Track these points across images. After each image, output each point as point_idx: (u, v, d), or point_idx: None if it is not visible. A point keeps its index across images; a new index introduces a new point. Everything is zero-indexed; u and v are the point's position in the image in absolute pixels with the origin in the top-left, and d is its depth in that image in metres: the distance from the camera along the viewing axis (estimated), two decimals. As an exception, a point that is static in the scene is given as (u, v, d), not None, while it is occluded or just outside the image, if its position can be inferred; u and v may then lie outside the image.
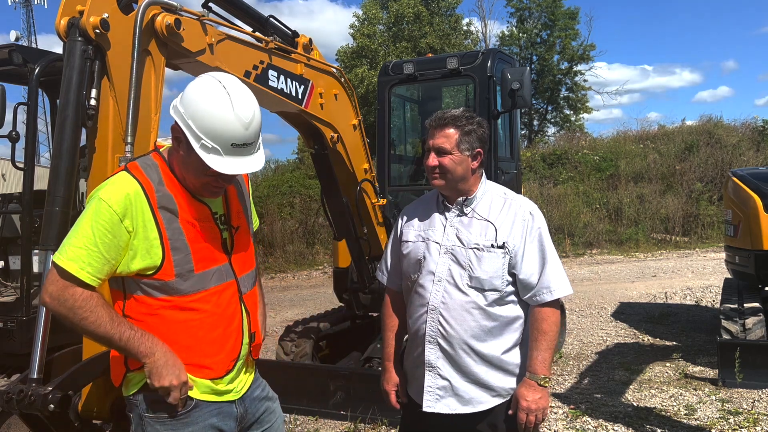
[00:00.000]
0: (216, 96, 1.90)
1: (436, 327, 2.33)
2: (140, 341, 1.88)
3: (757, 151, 19.51)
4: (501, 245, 2.30)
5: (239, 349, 2.09)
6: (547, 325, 2.32)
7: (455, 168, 2.32)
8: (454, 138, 2.30)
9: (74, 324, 1.86)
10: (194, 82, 1.96)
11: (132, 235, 1.87)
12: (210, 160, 1.89)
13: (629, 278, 12.12)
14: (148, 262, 1.89)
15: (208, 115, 1.88)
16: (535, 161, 20.97)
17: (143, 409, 1.97)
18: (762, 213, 6.30)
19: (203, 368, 1.99)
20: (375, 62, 25.66)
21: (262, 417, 2.22)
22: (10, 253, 5.01)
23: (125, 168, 1.97)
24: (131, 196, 1.88)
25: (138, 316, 1.94)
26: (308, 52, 4.33)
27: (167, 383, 1.90)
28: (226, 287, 2.05)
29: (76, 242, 1.84)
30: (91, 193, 1.92)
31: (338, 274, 6.33)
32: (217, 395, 2.03)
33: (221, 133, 1.88)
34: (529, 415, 2.31)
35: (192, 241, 1.96)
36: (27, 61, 4.43)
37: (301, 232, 16.96)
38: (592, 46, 31.62)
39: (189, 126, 1.89)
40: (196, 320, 1.97)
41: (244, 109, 1.92)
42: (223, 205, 2.11)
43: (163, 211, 1.92)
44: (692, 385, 5.66)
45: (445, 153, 2.31)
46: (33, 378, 2.37)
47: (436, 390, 2.36)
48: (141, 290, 1.94)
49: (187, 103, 1.91)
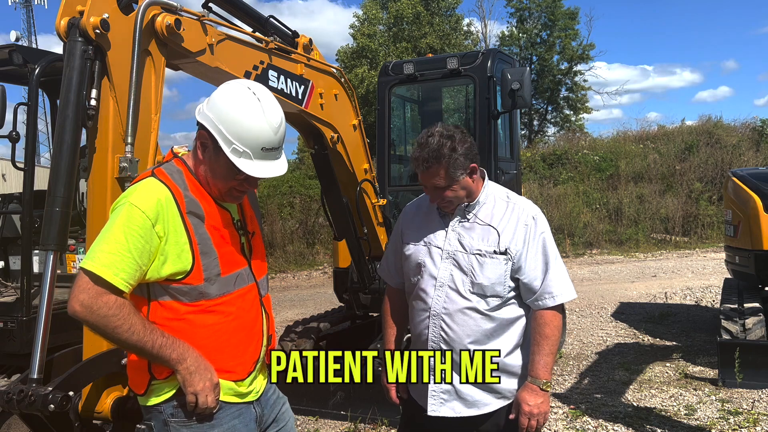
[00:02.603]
0: (247, 102, 1.93)
1: (438, 332, 2.33)
2: (172, 348, 1.87)
3: (756, 151, 19.50)
4: (503, 251, 2.29)
5: (260, 351, 2.11)
6: (549, 330, 2.32)
7: (458, 194, 2.31)
8: (444, 174, 2.25)
9: (106, 333, 1.83)
10: (222, 88, 1.99)
11: (163, 240, 1.87)
12: (241, 164, 1.92)
13: (629, 278, 12.12)
14: (178, 267, 1.89)
15: (240, 121, 1.91)
16: (535, 161, 20.97)
17: (169, 414, 1.95)
18: (762, 213, 6.30)
19: (228, 371, 2.01)
20: (375, 62, 25.67)
21: (278, 417, 2.24)
22: (10, 253, 5.01)
23: (153, 173, 1.97)
24: (162, 201, 1.88)
25: (163, 321, 1.93)
26: (308, 53, 4.33)
27: (201, 387, 1.90)
28: (249, 290, 2.08)
29: (108, 248, 1.81)
30: (120, 199, 1.91)
31: (338, 274, 6.33)
32: (239, 397, 2.05)
33: (253, 137, 1.92)
34: (530, 419, 2.31)
35: (217, 246, 1.98)
36: (27, 62, 4.43)
37: (301, 232, 16.96)
38: (591, 46, 31.68)
39: (220, 131, 1.91)
40: (223, 323, 1.98)
41: (274, 115, 1.97)
42: (238, 211, 2.14)
43: (192, 216, 1.93)
44: (692, 385, 5.66)
45: (443, 189, 2.29)
46: (33, 378, 2.38)
47: (440, 394, 2.36)
48: (169, 295, 1.93)
49: (217, 109, 1.93)
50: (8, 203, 5.19)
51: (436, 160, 2.23)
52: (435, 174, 2.25)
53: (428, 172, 2.26)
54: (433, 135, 2.26)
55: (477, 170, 2.33)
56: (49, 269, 2.49)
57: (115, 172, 2.70)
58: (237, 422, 2.03)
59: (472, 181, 2.33)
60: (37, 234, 2.94)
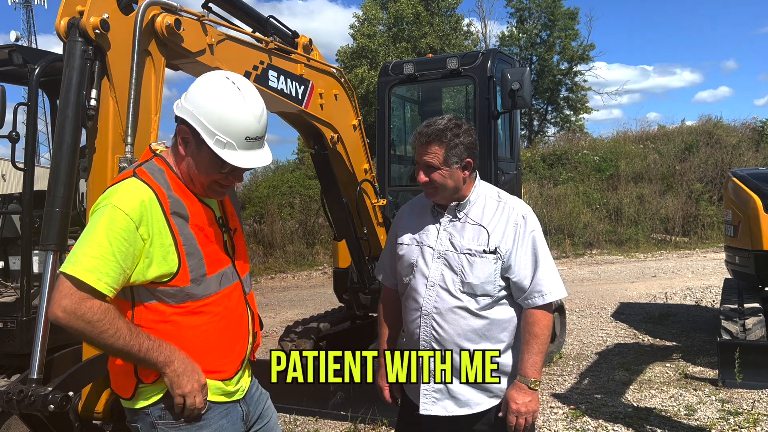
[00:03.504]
0: (227, 92, 1.90)
1: (429, 332, 2.34)
2: (159, 351, 1.85)
3: (756, 151, 19.51)
4: (493, 250, 2.29)
5: (246, 349, 2.11)
6: (538, 329, 2.32)
7: (446, 182, 2.30)
8: (441, 154, 2.26)
9: (91, 338, 1.78)
10: (200, 80, 1.95)
11: (147, 242, 1.82)
12: (226, 155, 1.88)
13: (629, 278, 12.12)
14: (164, 270, 1.86)
15: (221, 111, 1.88)
16: (535, 161, 20.97)
17: (157, 416, 1.93)
18: (762, 213, 6.30)
19: (216, 371, 1.99)
20: (375, 62, 25.67)
21: (262, 413, 2.24)
22: (10, 253, 5.01)
23: (134, 173, 1.92)
24: (146, 202, 1.83)
25: (149, 324, 1.89)
26: (308, 53, 4.33)
27: (188, 389, 1.88)
28: (234, 289, 2.06)
29: (91, 252, 1.75)
30: (100, 201, 1.85)
31: (338, 274, 6.34)
32: (227, 396, 2.04)
33: (236, 127, 1.89)
34: (518, 418, 2.31)
35: (202, 245, 1.95)
36: (27, 62, 4.43)
37: (301, 233, 16.96)
38: (591, 46, 31.69)
39: (201, 123, 1.87)
40: (209, 324, 1.97)
41: (255, 103, 1.94)
42: (220, 207, 2.11)
43: (176, 216, 1.89)
44: (692, 386, 5.66)
45: (433, 169, 2.29)
46: (33, 378, 2.38)
47: (432, 393, 2.37)
48: (154, 298, 1.89)
49: (196, 101, 1.89)
50: (8, 203, 5.19)
51: (438, 138, 2.26)
52: (432, 151, 2.27)
53: (426, 147, 2.28)
54: (443, 118, 2.31)
55: (471, 167, 2.34)
56: (49, 269, 2.48)
57: (115, 172, 2.69)
58: (225, 422, 2.02)
59: (463, 176, 2.32)
60: (37, 234, 2.94)
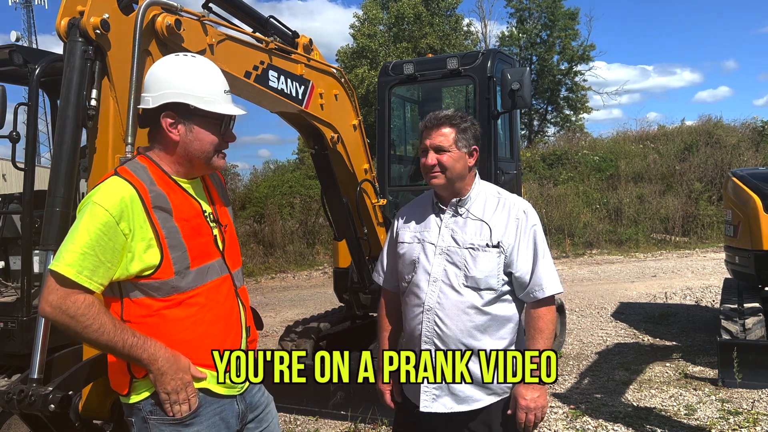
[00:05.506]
0: (187, 62, 2.05)
1: (431, 327, 2.34)
2: (143, 348, 1.88)
3: (756, 151, 19.52)
4: (496, 244, 2.31)
5: (239, 342, 2.13)
6: (543, 323, 2.34)
7: (454, 165, 2.34)
8: (452, 136, 2.35)
9: (77, 333, 1.84)
10: (156, 66, 2.05)
11: (129, 237, 1.87)
12: (220, 108, 2.01)
13: (629, 278, 12.12)
14: (146, 263, 1.90)
15: (194, 76, 2.01)
16: (535, 161, 20.98)
17: (148, 411, 1.97)
18: (762, 213, 6.30)
19: (209, 364, 2.02)
20: (375, 63, 25.68)
21: (261, 416, 2.24)
22: (11, 253, 5.01)
23: (116, 172, 1.98)
24: (126, 199, 1.88)
25: (137, 319, 1.93)
26: (308, 53, 4.33)
27: (171, 388, 1.91)
28: (223, 281, 2.09)
29: (71, 247, 1.82)
30: (84, 200, 1.92)
31: (338, 274, 6.34)
32: (227, 388, 2.06)
33: (213, 84, 2.04)
34: (528, 414, 2.31)
35: (187, 238, 1.98)
36: (27, 62, 4.43)
37: (301, 232, 16.96)
38: (591, 46, 31.69)
39: (184, 95, 1.97)
40: (197, 315, 1.99)
41: (209, 62, 2.11)
42: (209, 203, 2.15)
43: (158, 210, 1.93)
44: (692, 385, 5.66)
45: (443, 151, 2.34)
46: (33, 378, 2.38)
47: (432, 390, 2.37)
48: (141, 292, 1.94)
49: (167, 82, 1.99)
50: (8, 203, 5.19)
51: (449, 120, 2.36)
52: (443, 133, 2.35)
53: (437, 129, 2.36)
54: (450, 109, 2.41)
55: (476, 156, 2.40)
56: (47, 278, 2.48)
57: (115, 172, 2.70)
58: (217, 419, 2.04)
59: (469, 165, 2.39)
60: (37, 234, 2.94)
